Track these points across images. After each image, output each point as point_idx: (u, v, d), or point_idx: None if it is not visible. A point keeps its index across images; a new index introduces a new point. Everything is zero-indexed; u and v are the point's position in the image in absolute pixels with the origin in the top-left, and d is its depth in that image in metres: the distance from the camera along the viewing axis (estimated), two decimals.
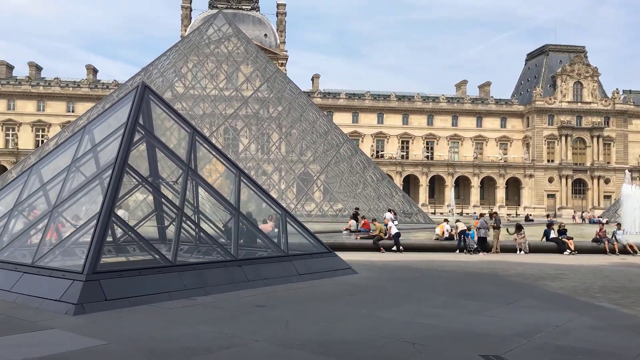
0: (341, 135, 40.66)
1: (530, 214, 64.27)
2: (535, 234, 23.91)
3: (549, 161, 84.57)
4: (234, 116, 39.22)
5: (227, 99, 41.52)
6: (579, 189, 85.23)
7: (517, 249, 20.27)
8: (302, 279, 11.68)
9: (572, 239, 21.32)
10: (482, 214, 23.37)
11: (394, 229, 21.02)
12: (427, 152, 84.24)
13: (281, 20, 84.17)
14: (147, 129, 11.24)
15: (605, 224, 24.62)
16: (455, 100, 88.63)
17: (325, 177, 40.88)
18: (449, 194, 77.58)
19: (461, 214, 67.55)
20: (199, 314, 8.35)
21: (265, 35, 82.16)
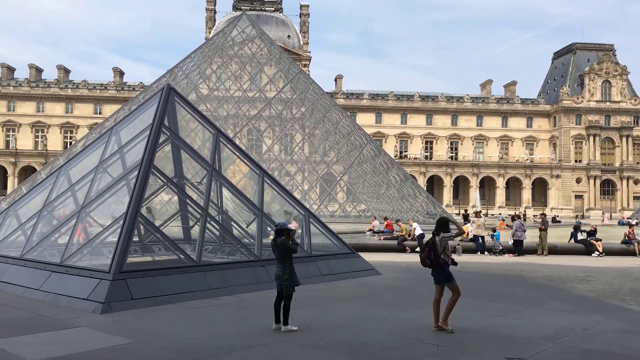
0: (364, 135, 40.55)
1: (557, 215, 63.21)
2: (562, 236, 23.51)
3: (576, 161, 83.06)
4: (257, 117, 39.43)
5: (250, 100, 41.77)
6: (608, 189, 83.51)
7: (539, 251, 19.98)
8: (325, 279, 11.68)
9: (600, 240, 20.90)
10: (518, 215, 23.06)
11: (418, 230, 20.88)
12: (451, 153, 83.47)
13: (304, 21, 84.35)
14: (172, 130, 11.38)
15: (634, 226, 24.08)
16: (480, 100, 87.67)
17: (348, 177, 40.80)
18: (474, 194, 76.77)
19: (487, 214, 66.64)
20: (224, 313, 8.42)
21: (288, 36, 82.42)
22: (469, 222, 20.97)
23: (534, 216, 67.04)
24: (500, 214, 63.20)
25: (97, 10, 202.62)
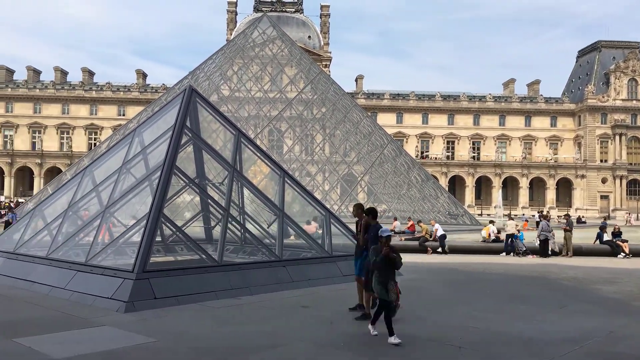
0: (385, 136, 40.42)
1: (582, 216, 62.17)
2: (587, 237, 23.11)
3: (602, 161, 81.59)
4: (278, 118, 39.57)
5: (271, 101, 41.94)
6: (634, 189, 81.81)
7: (564, 252, 19.66)
8: (346, 280, 11.65)
9: (626, 241, 20.50)
10: (546, 215, 22.68)
11: (440, 231, 20.75)
12: (474, 153, 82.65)
13: (325, 21, 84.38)
14: (194, 132, 11.49)
15: None
16: (502, 99, 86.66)
17: (369, 178, 40.69)
18: (496, 195, 75.86)
19: (509, 215, 65.82)
20: (245, 313, 8.46)
21: (309, 37, 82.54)
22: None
23: (558, 217, 66.03)
24: (523, 215, 62.40)
25: (121, 13, 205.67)
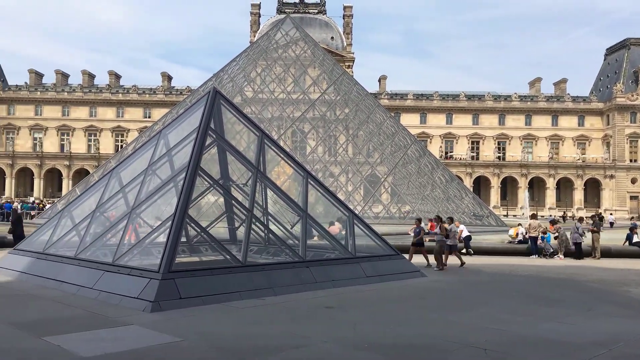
0: (409, 136, 40.19)
1: (611, 214, 60.89)
2: (616, 238, 22.65)
3: (631, 161, 79.79)
4: (301, 119, 39.68)
5: (294, 102, 42.08)
6: None
7: (592, 254, 19.30)
8: (370, 281, 11.65)
9: None
10: (581, 217, 22.44)
11: (465, 232, 20.55)
12: (499, 153, 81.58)
13: (347, 22, 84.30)
14: (218, 133, 11.60)
15: None
16: (528, 98, 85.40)
17: (392, 178, 40.53)
18: (522, 195, 74.82)
19: (533, 215, 64.77)
20: (269, 314, 8.50)
21: (331, 38, 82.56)
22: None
23: (586, 217, 64.70)
24: (551, 216, 61.37)
25: (147, 17, 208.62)
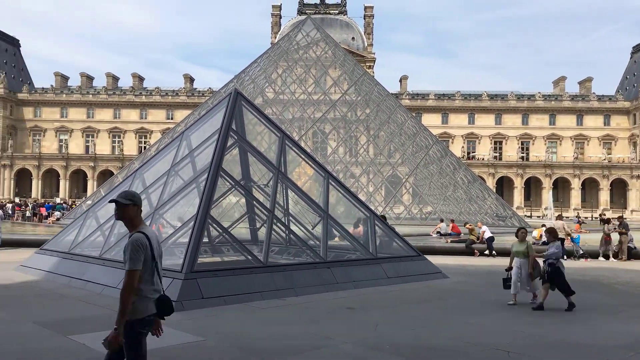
0: (430, 136, 39.92)
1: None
2: None
3: None
4: (322, 120, 39.69)
5: (315, 103, 42.12)
6: None
7: (611, 255, 18.95)
8: (391, 282, 11.60)
9: None
10: (608, 220, 22.08)
11: (488, 233, 20.35)
12: (522, 153, 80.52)
13: (368, 22, 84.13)
14: (240, 134, 11.67)
15: None
16: (552, 97, 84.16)
17: (414, 179, 40.28)
18: (546, 196, 73.71)
19: (559, 216, 63.76)
20: (290, 314, 8.53)
21: (352, 38, 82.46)
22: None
23: (612, 219, 63.37)
24: (576, 217, 60.39)
25: (170, 20, 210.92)
